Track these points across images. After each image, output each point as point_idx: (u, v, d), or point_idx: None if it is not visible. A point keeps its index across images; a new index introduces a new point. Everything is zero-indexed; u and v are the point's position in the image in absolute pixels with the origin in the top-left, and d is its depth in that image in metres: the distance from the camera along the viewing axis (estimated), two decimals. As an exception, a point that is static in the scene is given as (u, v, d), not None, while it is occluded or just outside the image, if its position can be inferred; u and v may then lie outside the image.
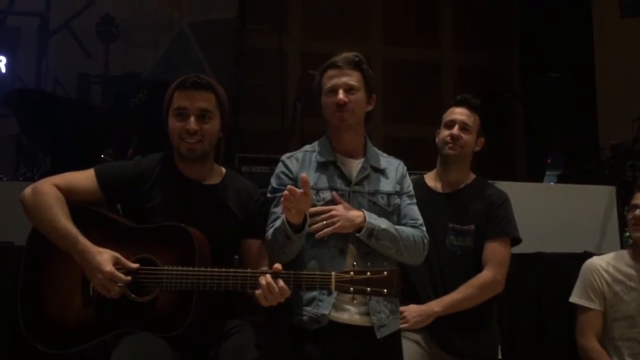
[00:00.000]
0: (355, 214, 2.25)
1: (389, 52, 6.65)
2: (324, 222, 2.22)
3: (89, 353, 2.09)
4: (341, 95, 2.30)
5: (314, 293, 2.25)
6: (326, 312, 2.23)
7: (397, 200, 2.39)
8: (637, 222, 2.78)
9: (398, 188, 2.40)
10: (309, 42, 6.56)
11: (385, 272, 2.00)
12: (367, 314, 2.27)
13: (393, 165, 2.47)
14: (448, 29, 7.17)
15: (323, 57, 2.45)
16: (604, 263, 2.85)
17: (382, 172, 2.42)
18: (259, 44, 6.20)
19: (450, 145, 2.71)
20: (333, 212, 2.24)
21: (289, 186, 2.09)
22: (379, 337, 2.25)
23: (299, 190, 2.06)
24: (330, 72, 2.35)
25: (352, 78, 2.33)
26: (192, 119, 2.19)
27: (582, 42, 5.95)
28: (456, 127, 2.70)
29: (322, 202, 2.30)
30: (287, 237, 2.16)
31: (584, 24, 5.97)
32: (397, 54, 6.75)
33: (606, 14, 5.76)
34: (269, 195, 2.38)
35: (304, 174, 2.20)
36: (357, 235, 2.25)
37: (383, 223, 2.28)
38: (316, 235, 2.23)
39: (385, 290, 1.99)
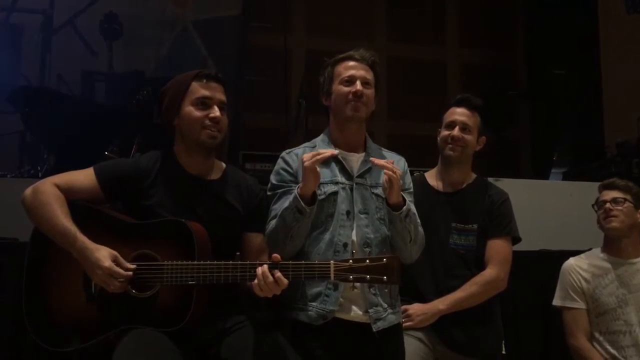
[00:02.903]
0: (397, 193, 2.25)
1: (393, 50, 6.62)
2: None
3: (93, 350, 2.08)
4: (359, 86, 2.34)
5: (320, 288, 2.24)
6: (333, 307, 2.22)
7: None
8: (608, 215, 2.80)
9: (400, 183, 2.38)
10: (312, 40, 6.55)
11: (384, 259, 1.99)
12: (368, 311, 2.26)
13: (394, 160, 2.46)
14: (453, 27, 7.15)
15: (327, 55, 2.47)
16: (580, 261, 2.87)
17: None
18: (262, 41, 6.20)
19: (452, 146, 2.70)
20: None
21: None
22: (374, 330, 2.24)
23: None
24: (349, 63, 2.39)
25: (368, 74, 2.39)
26: (216, 108, 2.23)
27: (588, 39, 5.93)
28: (457, 128, 2.70)
29: (324, 196, 2.29)
30: (298, 211, 2.16)
31: (589, 21, 5.96)
32: (402, 51, 6.73)
33: (611, 11, 5.74)
34: (269, 192, 2.37)
35: (305, 154, 2.22)
36: (396, 213, 2.23)
37: (413, 207, 2.30)
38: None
39: (385, 277, 1.97)
